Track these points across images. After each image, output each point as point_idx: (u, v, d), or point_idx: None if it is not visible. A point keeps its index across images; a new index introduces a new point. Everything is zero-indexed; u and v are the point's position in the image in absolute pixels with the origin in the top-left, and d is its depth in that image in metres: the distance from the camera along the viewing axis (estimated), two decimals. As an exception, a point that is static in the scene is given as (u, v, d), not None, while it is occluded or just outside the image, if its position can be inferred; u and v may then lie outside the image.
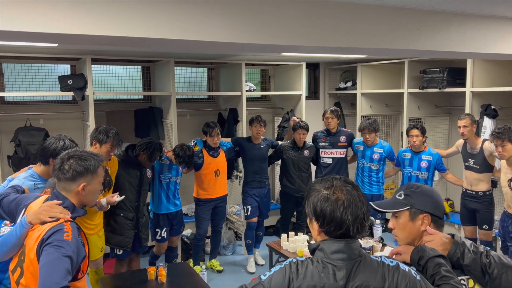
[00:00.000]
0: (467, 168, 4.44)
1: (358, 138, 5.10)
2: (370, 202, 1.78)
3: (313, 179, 5.14)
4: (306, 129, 4.88)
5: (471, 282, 1.59)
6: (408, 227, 1.70)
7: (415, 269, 1.50)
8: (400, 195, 1.73)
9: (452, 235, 1.65)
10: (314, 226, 1.46)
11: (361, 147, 4.94)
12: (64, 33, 2.09)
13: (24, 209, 2.02)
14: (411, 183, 1.83)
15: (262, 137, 4.92)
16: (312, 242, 1.50)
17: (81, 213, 2.03)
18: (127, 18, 2.16)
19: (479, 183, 4.35)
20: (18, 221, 1.96)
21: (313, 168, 5.19)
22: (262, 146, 4.89)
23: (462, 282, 1.57)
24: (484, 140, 4.35)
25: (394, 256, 1.66)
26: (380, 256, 1.46)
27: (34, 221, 1.88)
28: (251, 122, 4.83)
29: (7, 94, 4.75)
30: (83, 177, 1.98)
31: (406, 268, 1.43)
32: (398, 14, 2.71)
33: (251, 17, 2.41)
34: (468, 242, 1.63)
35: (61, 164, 1.98)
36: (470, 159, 4.39)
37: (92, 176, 2.01)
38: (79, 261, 1.82)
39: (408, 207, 1.69)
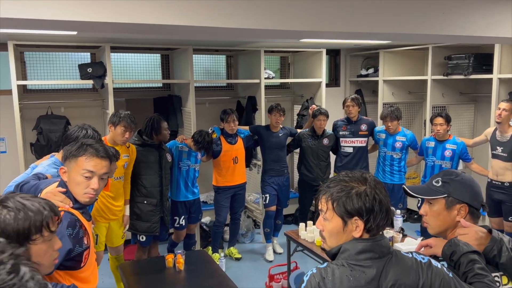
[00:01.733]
0: (494, 156, 4.31)
1: (380, 126, 4.99)
2: (404, 186, 1.74)
3: (332, 168, 5.07)
4: (326, 115, 4.80)
5: (504, 279, 1.52)
6: (442, 215, 1.61)
7: (446, 266, 1.44)
8: (437, 182, 1.63)
9: (490, 230, 1.56)
10: (351, 228, 1.34)
11: (383, 136, 4.84)
12: (83, 20, 2.08)
13: (39, 194, 2.02)
14: (450, 170, 1.73)
15: (281, 126, 4.87)
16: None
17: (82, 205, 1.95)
18: (146, 4, 2.14)
19: (506, 173, 4.22)
20: None
21: (332, 157, 5.12)
22: (280, 135, 4.84)
23: (496, 279, 1.50)
24: None
25: (423, 249, 1.59)
26: (411, 252, 1.39)
27: None
28: (270, 110, 4.78)
29: (29, 83, 4.81)
30: (66, 161, 1.92)
31: (439, 265, 1.37)
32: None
33: (270, 2, 2.35)
34: (506, 239, 1.54)
35: (70, 143, 2.00)
36: (498, 147, 4.26)
37: (70, 162, 1.89)
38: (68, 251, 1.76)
39: (445, 195, 1.60)
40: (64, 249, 1.69)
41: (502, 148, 4.22)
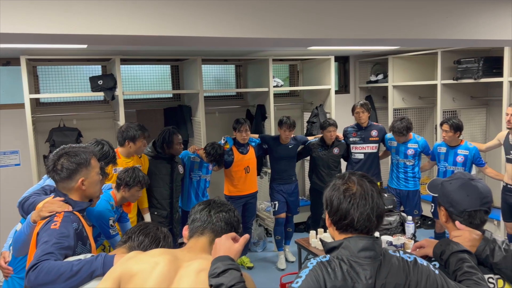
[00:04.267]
0: (509, 160, 4.24)
1: (391, 133, 4.95)
2: (429, 183, 1.84)
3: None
4: (335, 126, 4.78)
5: (500, 282, 1.52)
6: (439, 213, 1.73)
7: (434, 264, 1.46)
8: (442, 182, 1.73)
9: (483, 232, 1.59)
10: (327, 217, 1.46)
11: (394, 143, 4.79)
12: (92, 34, 2.13)
13: (35, 208, 2.07)
14: (457, 173, 1.79)
15: (292, 135, 4.87)
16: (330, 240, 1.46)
17: (84, 206, 2.05)
18: (153, 16, 2.17)
19: None
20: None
21: (344, 164, 5.09)
22: (290, 147, 4.81)
23: (491, 281, 1.50)
24: None
25: (417, 250, 1.63)
26: (398, 251, 1.42)
27: (36, 219, 1.93)
28: (280, 124, 4.73)
29: (42, 96, 4.90)
30: (78, 173, 1.99)
31: (424, 262, 1.40)
32: (426, 2, 2.60)
33: (277, 12, 2.38)
34: (499, 240, 1.56)
35: (54, 165, 1.98)
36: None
37: (87, 169, 2.01)
38: (74, 248, 1.82)
39: (436, 195, 1.73)
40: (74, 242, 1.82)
41: None
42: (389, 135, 4.91)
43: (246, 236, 1.53)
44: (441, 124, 4.52)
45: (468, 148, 4.42)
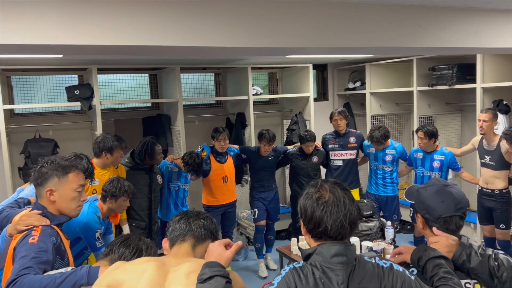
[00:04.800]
0: (483, 165, 4.34)
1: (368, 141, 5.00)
2: (406, 190, 1.85)
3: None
4: (314, 140, 4.80)
5: (477, 287, 1.54)
6: (416, 220, 1.75)
7: (412, 270, 1.48)
8: (418, 189, 1.75)
9: (460, 237, 1.61)
10: (302, 225, 1.47)
11: (372, 150, 4.85)
12: (67, 44, 2.10)
13: (11, 221, 2.03)
14: (432, 179, 1.81)
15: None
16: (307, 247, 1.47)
17: (63, 220, 2.01)
18: (130, 26, 2.15)
19: (495, 181, 4.25)
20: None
21: (324, 171, 5.13)
22: (270, 158, 4.80)
23: (468, 286, 1.53)
24: (502, 136, 4.25)
25: (396, 256, 1.65)
26: (374, 258, 1.44)
27: (12, 232, 1.89)
28: (260, 138, 4.68)
29: (16, 107, 4.79)
30: (48, 181, 1.96)
31: (400, 268, 1.42)
32: (400, 12, 2.66)
33: (254, 21, 2.39)
34: (476, 245, 1.59)
35: (35, 171, 1.99)
36: (486, 156, 4.30)
37: (60, 180, 1.98)
38: (52, 262, 1.79)
39: (413, 201, 1.75)
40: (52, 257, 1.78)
41: (489, 157, 4.26)
42: (367, 142, 4.97)
43: (239, 243, 1.55)
44: (416, 131, 4.62)
45: (443, 154, 4.51)
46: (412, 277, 1.41)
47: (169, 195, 4.34)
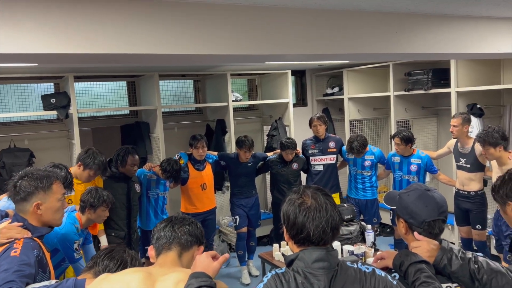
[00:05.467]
0: (459, 167, 4.44)
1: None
2: (384, 196, 1.88)
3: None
4: (294, 147, 4.78)
5: None
6: (398, 225, 1.76)
7: (394, 275, 1.50)
8: (399, 194, 1.77)
9: (440, 241, 1.64)
10: (285, 231, 1.48)
11: (351, 155, 4.89)
12: (42, 53, 2.06)
13: None
14: (413, 185, 1.81)
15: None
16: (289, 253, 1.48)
17: (44, 232, 1.99)
18: (107, 35, 2.13)
19: (471, 183, 4.35)
20: None
21: (304, 176, 5.16)
22: (249, 165, 4.80)
23: None
24: (475, 140, 4.35)
25: (378, 261, 1.66)
26: (356, 263, 1.45)
27: None
28: (239, 145, 4.65)
29: (-11, 116, 4.67)
30: (35, 196, 1.94)
31: (382, 273, 1.43)
32: (376, 18, 2.71)
33: (231, 29, 2.40)
34: (456, 249, 1.61)
35: (14, 186, 1.94)
36: (461, 159, 4.39)
37: (46, 193, 1.96)
38: (35, 276, 1.76)
39: (394, 207, 1.76)
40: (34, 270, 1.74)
41: (464, 159, 4.36)
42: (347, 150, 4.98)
43: (226, 255, 1.56)
44: (393, 137, 4.70)
45: (420, 157, 4.60)
46: (394, 282, 1.42)
47: (148, 204, 4.29)
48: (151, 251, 1.65)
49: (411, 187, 1.77)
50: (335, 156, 5.04)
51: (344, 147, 5.00)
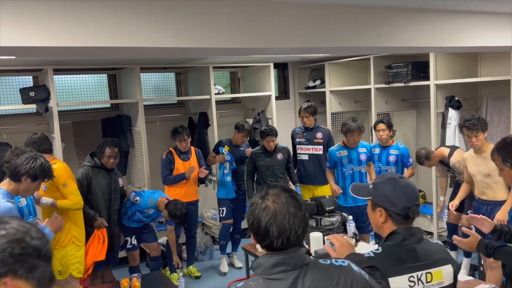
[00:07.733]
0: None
1: (335, 145, 4.71)
2: (351, 186, 1.90)
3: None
4: (275, 134, 4.71)
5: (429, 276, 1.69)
6: (371, 215, 1.79)
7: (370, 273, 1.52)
8: (371, 183, 1.79)
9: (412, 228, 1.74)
10: (252, 237, 1.40)
11: (344, 152, 4.57)
12: (20, 46, 2.03)
13: None
14: (386, 174, 1.86)
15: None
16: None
17: None
18: (87, 27, 2.11)
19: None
20: None
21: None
22: (241, 149, 5.05)
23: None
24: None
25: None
26: (330, 260, 1.43)
27: None
28: (240, 129, 4.95)
29: (-34, 110, 4.58)
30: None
31: (356, 267, 1.42)
32: (356, 12, 2.74)
33: (211, 22, 2.39)
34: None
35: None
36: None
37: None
38: None
39: (370, 197, 1.77)
40: None
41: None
42: (334, 147, 4.67)
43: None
44: (375, 125, 4.73)
45: (398, 148, 4.68)
46: (367, 277, 1.42)
47: (128, 210, 4.21)
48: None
49: (383, 176, 1.80)
50: (321, 147, 4.96)
51: (332, 148, 4.62)
